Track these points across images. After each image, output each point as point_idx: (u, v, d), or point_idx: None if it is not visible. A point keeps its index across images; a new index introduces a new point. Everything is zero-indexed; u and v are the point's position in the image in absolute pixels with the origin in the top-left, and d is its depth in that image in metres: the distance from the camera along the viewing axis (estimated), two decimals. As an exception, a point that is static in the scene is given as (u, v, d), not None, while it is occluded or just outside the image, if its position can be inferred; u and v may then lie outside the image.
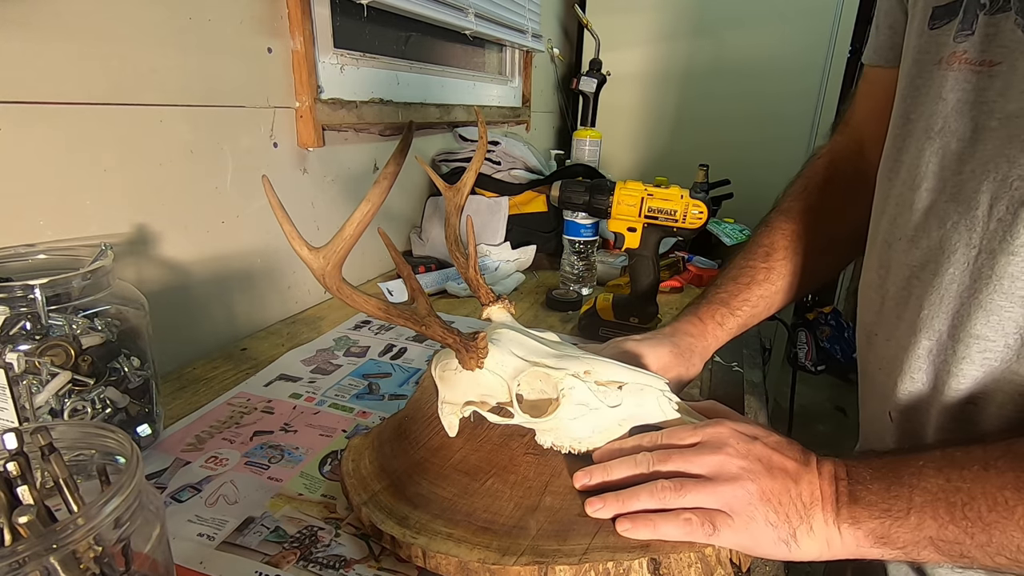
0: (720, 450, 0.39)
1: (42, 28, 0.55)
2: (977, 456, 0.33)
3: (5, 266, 0.49)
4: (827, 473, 0.38)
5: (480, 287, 0.53)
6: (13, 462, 0.28)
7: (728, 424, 0.41)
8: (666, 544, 0.37)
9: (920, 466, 0.34)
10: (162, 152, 0.68)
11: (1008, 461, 0.32)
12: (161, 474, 0.51)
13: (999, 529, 0.31)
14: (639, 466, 0.40)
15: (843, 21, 1.65)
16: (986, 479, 0.32)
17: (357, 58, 1.01)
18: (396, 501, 0.44)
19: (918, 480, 0.34)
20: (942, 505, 0.32)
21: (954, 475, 0.33)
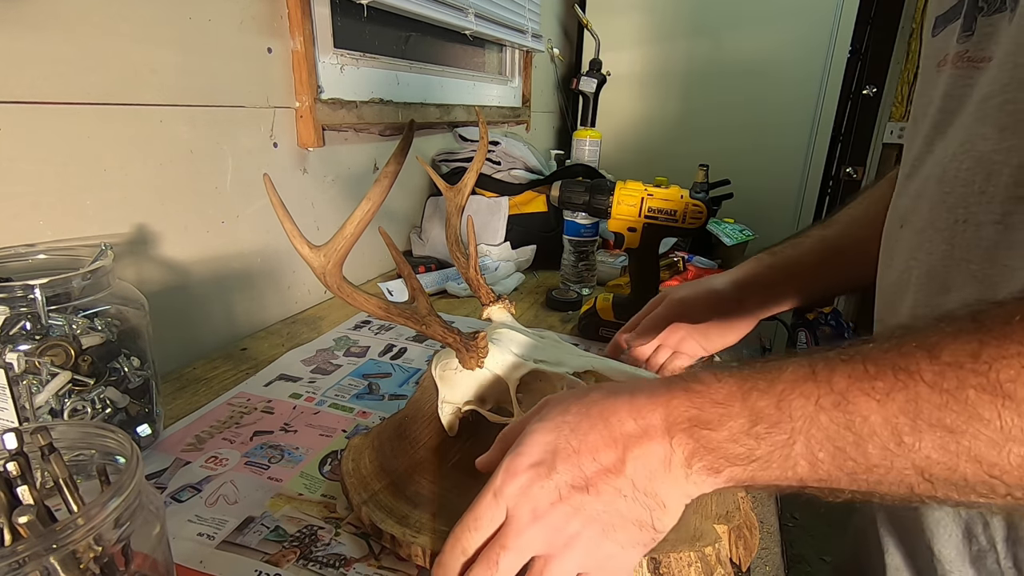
0: (534, 516, 0.31)
1: (42, 28, 0.55)
2: (858, 369, 0.26)
3: (5, 266, 0.49)
4: (663, 426, 0.30)
5: (480, 287, 0.53)
6: (13, 462, 0.28)
7: (523, 462, 0.32)
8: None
9: (784, 389, 0.28)
10: (162, 152, 0.68)
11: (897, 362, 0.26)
12: (161, 474, 0.51)
13: (887, 467, 0.26)
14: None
15: (843, 21, 1.65)
16: (881, 406, 0.25)
17: (357, 58, 1.01)
18: (396, 500, 0.44)
19: (786, 409, 0.27)
20: (817, 443, 0.27)
21: (826, 403, 0.26)
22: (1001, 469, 0.23)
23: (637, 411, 0.31)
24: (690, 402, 0.30)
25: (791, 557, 1.62)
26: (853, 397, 0.26)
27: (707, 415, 0.29)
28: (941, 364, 0.24)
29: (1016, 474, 0.23)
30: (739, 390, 0.29)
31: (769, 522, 0.50)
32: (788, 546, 1.53)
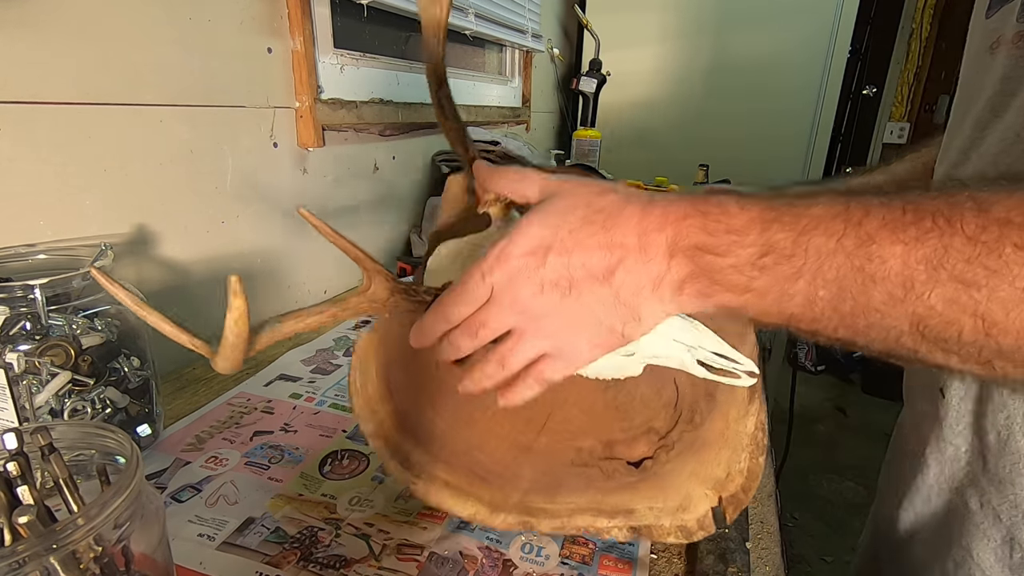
0: (514, 302, 0.32)
1: (42, 28, 0.55)
2: (894, 213, 0.26)
3: (5, 266, 0.49)
4: (666, 246, 0.30)
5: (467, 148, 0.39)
6: (13, 462, 0.28)
7: (515, 251, 0.32)
8: (650, 512, 0.38)
9: (808, 224, 0.27)
10: (162, 152, 0.68)
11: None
12: (161, 474, 0.51)
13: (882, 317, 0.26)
14: (462, 350, 0.35)
15: (843, 21, 1.65)
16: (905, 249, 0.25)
17: (357, 58, 1.01)
18: (400, 434, 0.43)
19: (803, 244, 0.27)
20: (823, 282, 0.26)
21: (849, 243, 0.26)
22: (1001, 329, 0.24)
23: (645, 226, 0.30)
24: (703, 227, 0.29)
25: (791, 557, 1.62)
26: (880, 239, 0.25)
27: (717, 242, 0.29)
28: (988, 218, 0.24)
29: (1013, 337, 0.24)
30: (760, 220, 0.28)
31: (769, 522, 0.50)
32: (788, 546, 1.53)
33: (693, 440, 0.42)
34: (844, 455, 2.05)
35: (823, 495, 1.90)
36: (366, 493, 0.50)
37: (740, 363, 0.38)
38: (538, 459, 0.40)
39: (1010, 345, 0.24)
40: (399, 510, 0.48)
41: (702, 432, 0.42)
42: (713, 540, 0.46)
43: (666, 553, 0.45)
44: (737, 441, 0.41)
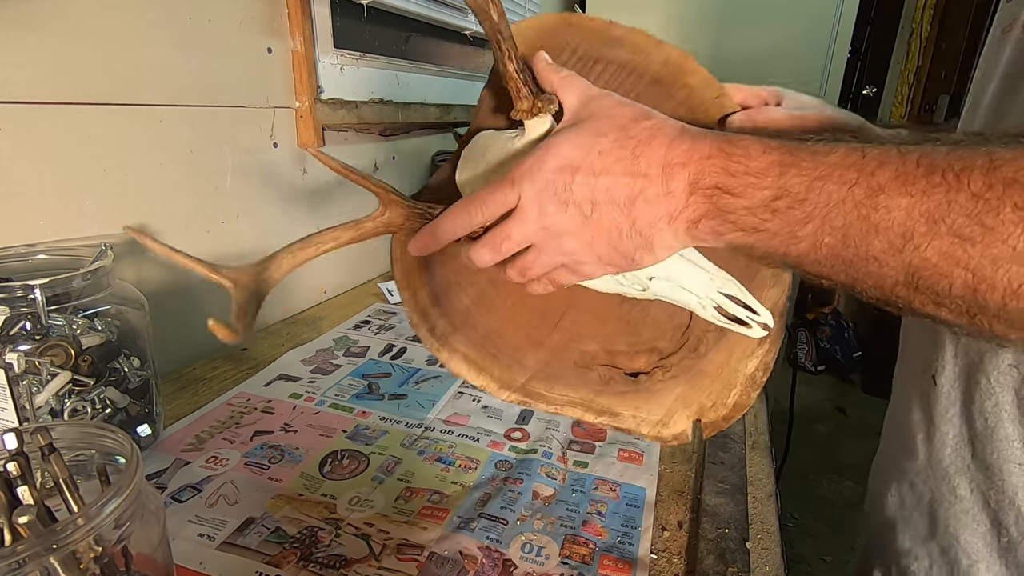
0: (540, 215, 0.34)
1: (42, 28, 0.55)
2: (908, 165, 0.26)
3: (5, 266, 0.49)
4: (687, 183, 0.32)
5: (520, 86, 0.37)
6: (13, 462, 0.28)
7: (547, 165, 0.33)
8: (631, 420, 0.43)
9: (823, 172, 0.28)
10: (162, 152, 0.68)
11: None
12: (161, 474, 0.51)
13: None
14: (487, 258, 0.38)
15: (843, 20, 1.65)
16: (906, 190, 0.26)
17: (357, 58, 1.01)
18: (431, 305, 0.45)
19: (817, 190, 0.28)
20: (830, 228, 0.28)
21: (860, 192, 0.27)
22: (989, 285, 0.25)
23: (670, 159, 0.32)
24: (725, 168, 0.30)
25: (791, 557, 1.62)
26: (889, 190, 0.26)
27: (736, 182, 0.30)
28: (996, 176, 0.24)
29: (1000, 293, 0.25)
30: (779, 165, 0.29)
31: (769, 522, 0.50)
32: (788, 546, 1.53)
33: (691, 367, 0.45)
34: (844, 455, 2.05)
35: (823, 495, 1.90)
36: (366, 493, 0.50)
37: (757, 313, 0.39)
38: (546, 352, 0.44)
39: (996, 302, 0.25)
40: (399, 510, 0.48)
41: (702, 363, 0.45)
42: (713, 540, 0.46)
43: (666, 553, 0.45)
44: (732, 378, 0.44)
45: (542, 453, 0.56)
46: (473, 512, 0.48)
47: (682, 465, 0.56)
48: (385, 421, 0.61)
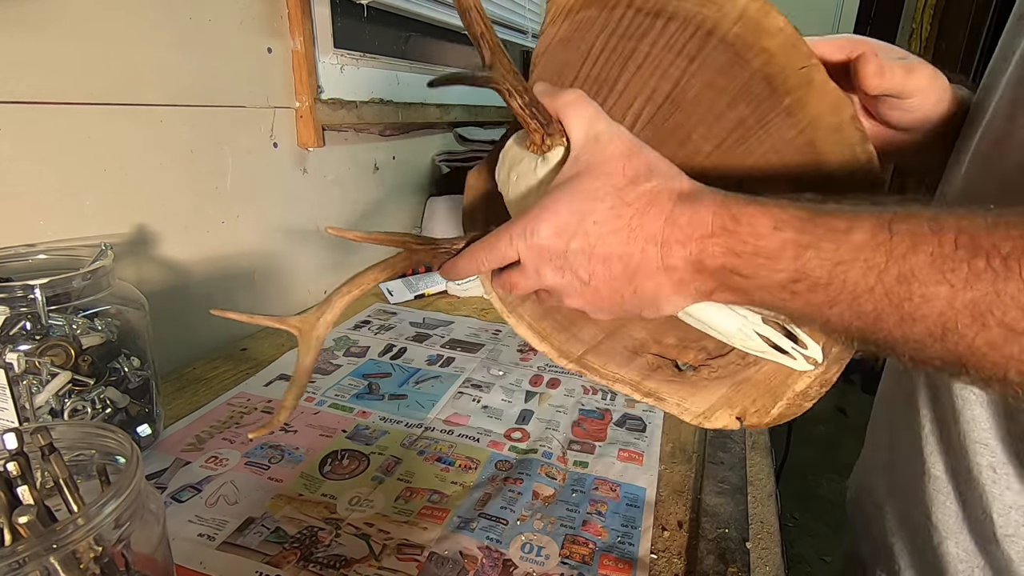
0: (538, 275, 0.33)
1: (42, 28, 0.55)
2: (946, 246, 0.23)
3: (5, 266, 0.49)
4: (689, 264, 0.29)
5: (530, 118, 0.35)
6: (13, 462, 0.28)
7: (542, 229, 0.32)
8: (675, 407, 0.41)
9: (847, 256, 0.25)
10: (162, 152, 0.68)
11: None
12: (161, 474, 0.51)
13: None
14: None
15: (843, 21, 1.65)
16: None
17: (357, 58, 1.01)
18: None
19: (841, 275, 0.25)
20: (858, 313, 0.25)
21: (890, 278, 0.24)
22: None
23: (668, 236, 0.29)
24: (730, 248, 0.27)
25: (791, 557, 1.62)
26: (924, 278, 0.23)
27: (745, 264, 0.27)
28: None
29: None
30: (794, 245, 0.26)
31: (769, 522, 0.50)
32: (788, 546, 1.53)
33: (736, 373, 0.43)
34: (844, 455, 2.05)
35: (823, 495, 1.90)
36: (366, 493, 0.50)
37: (805, 347, 0.38)
38: (600, 331, 0.44)
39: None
40: (399, 510, 0.48)
41: (749, 371, 0.42)
42: (713, 540, 0.46)
43: (666, 553, 0.45)
44: (780, 391, 0.42)
45: (542, 453, 0.56)
46: (473, 512, 0.48)
47: (682, 465, 0.56)
48: (385, 421, 0.61)
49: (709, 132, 0.36)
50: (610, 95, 0.36)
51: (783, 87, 0.33)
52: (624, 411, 0.65)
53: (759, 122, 0.34)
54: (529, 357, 0.77)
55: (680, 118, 0.36)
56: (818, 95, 0.33)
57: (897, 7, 2.43)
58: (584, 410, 0.65)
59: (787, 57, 0.33)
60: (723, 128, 0.35)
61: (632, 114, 0.37)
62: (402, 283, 1.02)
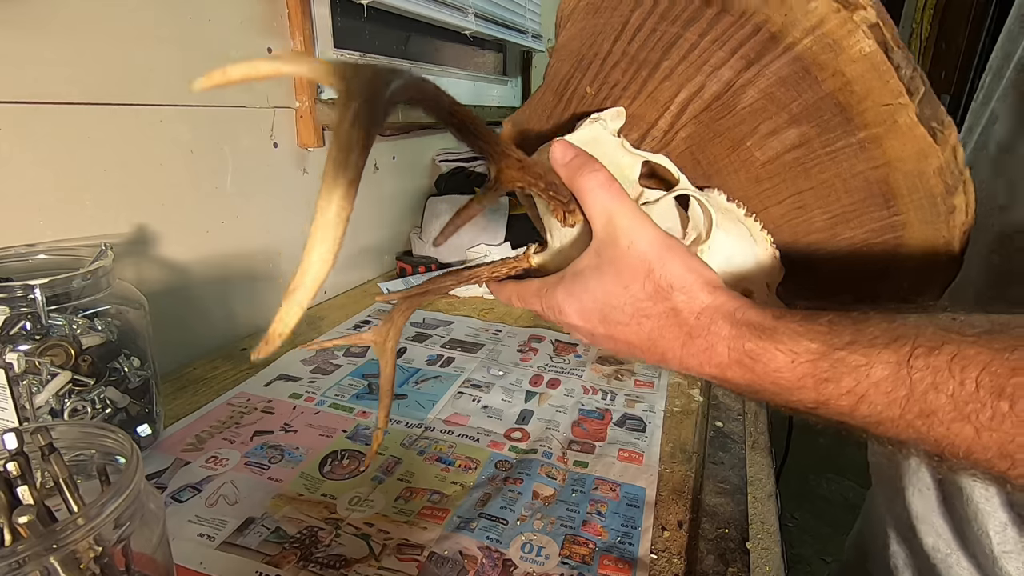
0: (570, 328, 0.34)
1: (42, 28, 0.55)
2: (968, 385, 0.22)
3: (5, 266, 0.49)
4: (708, 373, 0.30)
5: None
6: (13, 462, 0.28)
7: (564, 319, 0.33)
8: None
9: (869, 392, 0.25)
10: (162, 152, 0.68)
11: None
12: (161, 474, 0.51)
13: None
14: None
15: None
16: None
17: (357, 58, 1.01)
18: None
19: (865, 404, 0.25)
20: (883, 439, 0.25)
21: (912, 415, 0.24)
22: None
23: (684, 361, 0.29)
24: (749, 378, 0.27)
25: (791, 557, 1.62)
26: (946, 416, 0.22)
27: (765, 387, 0.27)
28: None
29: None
30: (812, 378, 0.25)
31: (769, 522, 0.50)
32: (788, 546, 1.53)
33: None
34: (844, 455, 2.05)
35: (823, 495, 1.90)
36: (366, 493, 0.50)
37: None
38: None
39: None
40: (399, 510, 0.48)
41: None
42: (713, 540, 0.46)
43: (666, 553, 0.45)
44: None
45: (542, 453, 0.56)
46: (473, 512, 0.48)
47: (682, 465, 0.56)
48: (385, 421, 0.61)
49: (764, 144, 0.31)
50: (650, 79, 0.32)
51: (859, 120, 0.28)
52: (624, 411, 0.65)
53: (825, 146, 0.30)
54: (529, 357, 0.77)
55: (731, 122, 0.31)
56: (901, 138, 0.27)
57: (897, 7, 2.43)
58: (584, 410, 0.65)
59: (868, 88, 0.26)
60: (781, 144, 0.31)
61: (677, 104, 0.32)
62: (402, 283, 1.02)
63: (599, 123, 0.33)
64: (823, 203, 0.32)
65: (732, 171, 0.33)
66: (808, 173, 0.31)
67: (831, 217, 0.32)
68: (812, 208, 0.32)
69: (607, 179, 0.30)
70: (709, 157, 0.33)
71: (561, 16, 0.35)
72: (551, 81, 0.37)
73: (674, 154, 0.34)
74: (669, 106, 0.32)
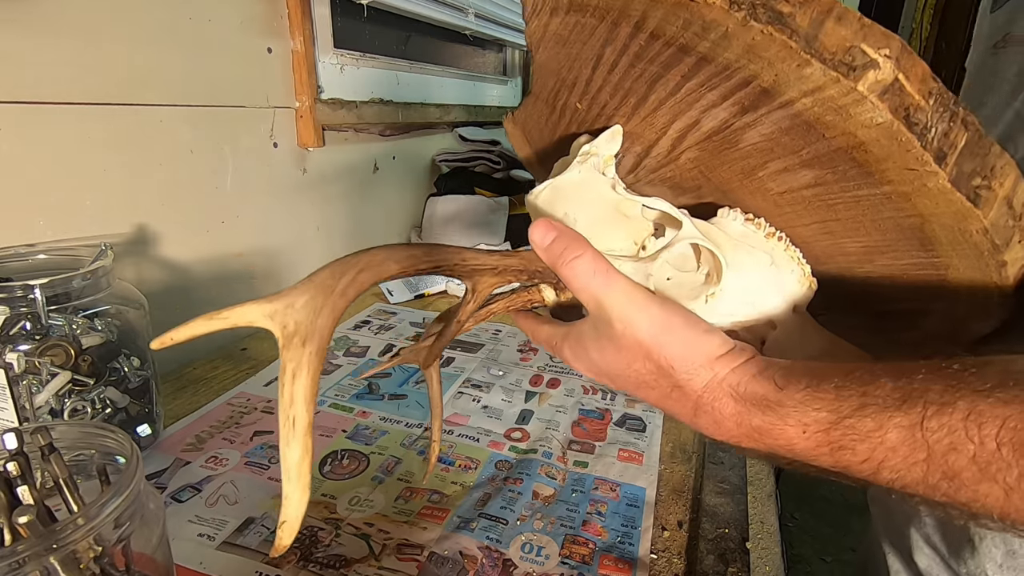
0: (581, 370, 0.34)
1: (42, 28, 0.55)
2: (987, 446, 0.21)
3: (5, 266, 0.49)
4: (717, 436, 0.29)
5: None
6: (13, 462, 0.28)
7: (576, 368, 0.34)
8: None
9: (886, 457, 0.24)
10: (162, 152, 0.68)
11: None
12: (161, 474, 0.51)
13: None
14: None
15: (843, 21, 1.64)
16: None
17: (357, 58, 1.01)
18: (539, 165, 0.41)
19: (884, 469, 0.24)
20: (907, 497, 0.24)
21: (935, 477, 0.23)
22: None
23: (695, 423, 0.29)
24: (761, 447, 0.26)
25: (791, 557, 1.62)
26: (972, 479, 0.21)
27: (777, 452, 0.26)
28: None
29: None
30: (826, 444, 0.24)
31: (769, 522, 0.50)
32: (788, 546, 1.53)
33: None
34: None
35: (823, 495, 1.90)
36: (366, 493, 0.50)
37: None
38: None
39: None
40: (399, 510, 0.48)
41: None
42: (713, 540, 0.46)
43: (666, 553, 0.45)
44: None
45: (542, 453, 0.56)
46: (473, 512, 0.48)
47: (682, 465, 0.56)
48: (385, 421, 0.61)
49: (778, 178, 0.28)
50: (641, 106, 0.30)
51: (881, 177, 0.24)
52: (624, 411, 0.65)
53: (845, 191, 0.27)
54: (529, 357, 0.77)
55: (737, 155, 0.28)
56: (934, 200, 0.24)
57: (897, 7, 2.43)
58: (584, 410, 0.65)
59: (887, 153, 0.23)
60: (796, 181, 0.28)
61: (675, 131, 0.30)
62: (402, 283, 1.02)
63: (591, 160, 0.32)
64: (852, 235, 0.29)
65: (748, 193, 0.31)
66: (832, 208, 0.28)
67: (864, 247, 0.30)
68: (840, 236, 0.30)
69: (590, 263, 0.29)
70: (721, 178, 0.31)
71: (530, 42, 0.34)
72: (539, 92, 0.36)
73: (683, 170, 0.32)
74: (667, 131, 0.30)
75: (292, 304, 0.24)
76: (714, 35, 0.23)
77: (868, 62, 0.21)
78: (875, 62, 0.21)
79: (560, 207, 0.33)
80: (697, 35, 0.23)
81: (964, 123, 0.22)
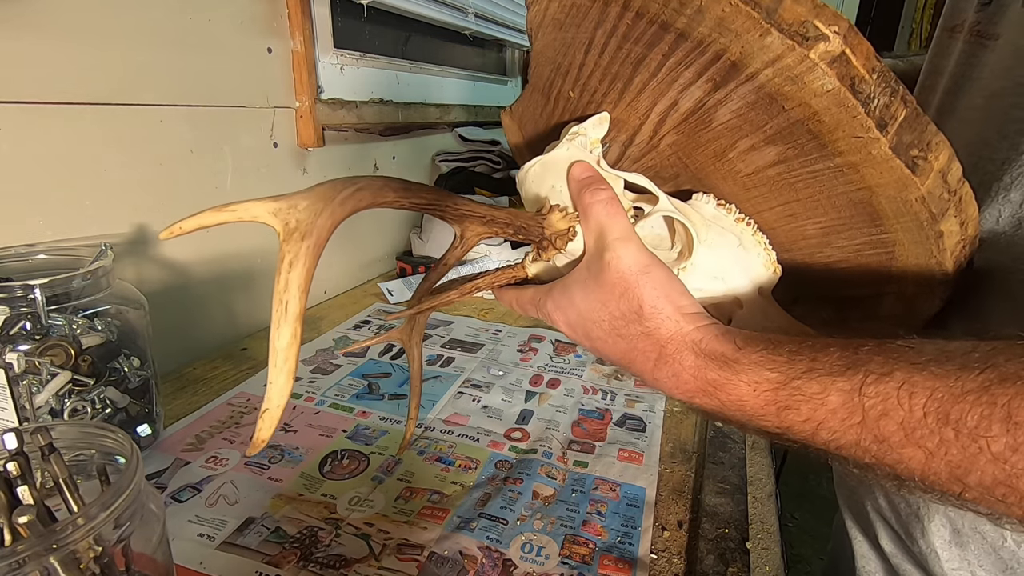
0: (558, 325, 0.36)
1: (42, 28, 0.55)
2: (915, 413, 0.23)
3: (5, 266, 0.49)
4: (675, 393, 0.31)
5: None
6: (13, 462, 0.28)
7: (553, 321, 0.35)
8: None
9: (827, 419, 0.26)
10: (162, 152, 0.68)
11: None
12: (161, 474, 0.51)
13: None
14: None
15: (843, 21, 1.64)
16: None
17: (357, 58, 1.01)
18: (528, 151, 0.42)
19: (823, 430, 0.26)
20: (844, 460, 0.26)
21: (868, 441, 0.24)
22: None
23: (656, 378, 0.30)
24: (713, 404, 0.29)
25: (791, 557, 1.62)
26: (898, 442, 0.23)
27: (730, 411, 0.28)
28: (1021, 434, 0.20)
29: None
30: (774, 405, 0.27)
31: (769, 522, 0.50)
32: (788, 546, 1.53)
33: None
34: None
35: (823, 495, 1.90)
36: (366, 493, 0.50)
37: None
38: None
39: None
40: (399, 510, 0.48)
41: None
42: (713, 540, 0.46)
43: (666, 553, 0.45)
44: None
45: (542, 453, 0.56)
46: (473, 512, 0.48)
47: (682, 465, 0.56)
48: (385, 421, 0.61)
49: (746, 157, 0.31)
50: (626, 90, 0.33)
51: (833, 148, 0.27)
52: (624, 411, 0.65)
53: (804, 166, 0.30)
54: (529, 357, 0.77)
55: (711, 136, 0.31)
56: (878, 168, 0.27)
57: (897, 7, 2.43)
58: (584, 410, 0.65)
59: (837, 121, 0.26)
60: (762, 159, 0.31)
61: (656, 114, 0.32)
62: (402, 283, 1.02)
63: (579, 139, 0.34)
64: (812, 215, 0.32)
65: (720, 177, 0.33)
66: (793, 187, 0.31)
67: (822, 228, 0.32)
68: (802, 218, 0.32)
69: (609, 198, 0.32)
70: (697, 163, 0.34)
71: (531, 28, 0.36)
72: (536, 83, 0.38)
73: (662, 157, 0.35)
74: (649, 115, 0.33)
75: (295, 205, 0.25)
76: (690, 10, 0.26)
77: (819, 35, 0.24)
78: (825, 36, 0.24)
79: (548, 180, 0.35)
80: (676, 11, 0.26)
81: (904, 100, 0.25)
